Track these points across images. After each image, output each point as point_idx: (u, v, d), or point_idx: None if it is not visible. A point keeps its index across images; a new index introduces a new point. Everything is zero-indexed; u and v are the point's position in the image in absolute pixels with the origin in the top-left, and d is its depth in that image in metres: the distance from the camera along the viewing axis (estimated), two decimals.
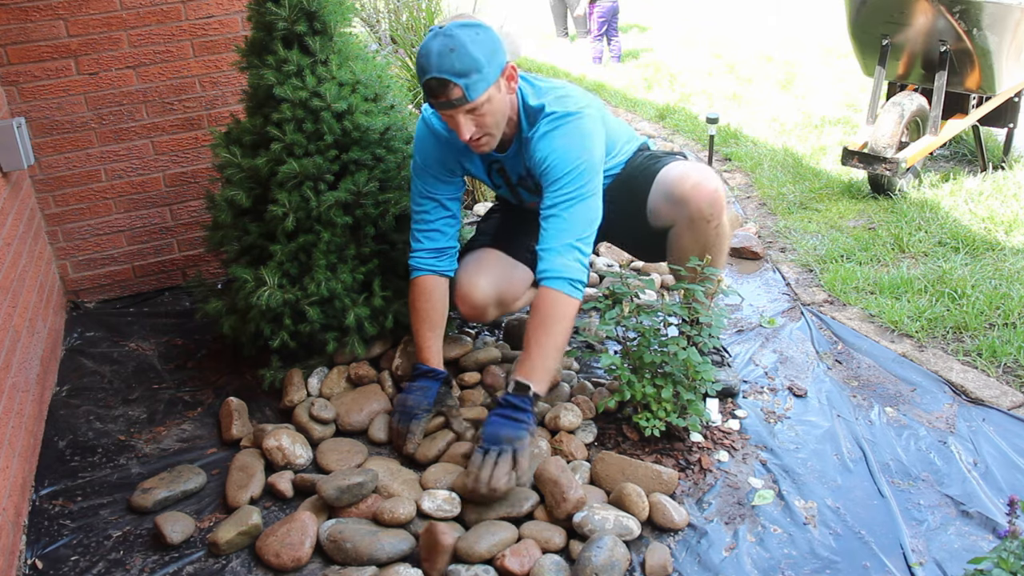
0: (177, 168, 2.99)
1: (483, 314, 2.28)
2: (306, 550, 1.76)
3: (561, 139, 2.00)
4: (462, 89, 1.86)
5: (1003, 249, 3.04)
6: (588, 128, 2.02)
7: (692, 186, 2.11)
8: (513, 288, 2.30)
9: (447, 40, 1.85)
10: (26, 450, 2.05)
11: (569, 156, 1.98)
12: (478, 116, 1.93)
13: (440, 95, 1.89)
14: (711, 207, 2.12)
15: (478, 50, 1.86)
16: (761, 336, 2.64)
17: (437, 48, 1.85)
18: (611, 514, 1.79)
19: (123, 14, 2.75)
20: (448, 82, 1.86)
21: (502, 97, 1.96)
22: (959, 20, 3.32)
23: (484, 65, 1.86)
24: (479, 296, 2.24)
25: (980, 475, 1.97)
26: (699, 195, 2.11)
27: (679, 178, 2.13)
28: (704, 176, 2.13)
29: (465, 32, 1.86)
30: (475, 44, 1.86)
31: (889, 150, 3.48)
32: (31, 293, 2.43)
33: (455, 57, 1.84)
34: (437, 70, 1.85)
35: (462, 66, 1.85)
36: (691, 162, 2.24)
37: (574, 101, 2.04)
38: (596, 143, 2.03)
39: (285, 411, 2.28)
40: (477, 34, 1.88)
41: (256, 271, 2.25)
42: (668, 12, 9.38)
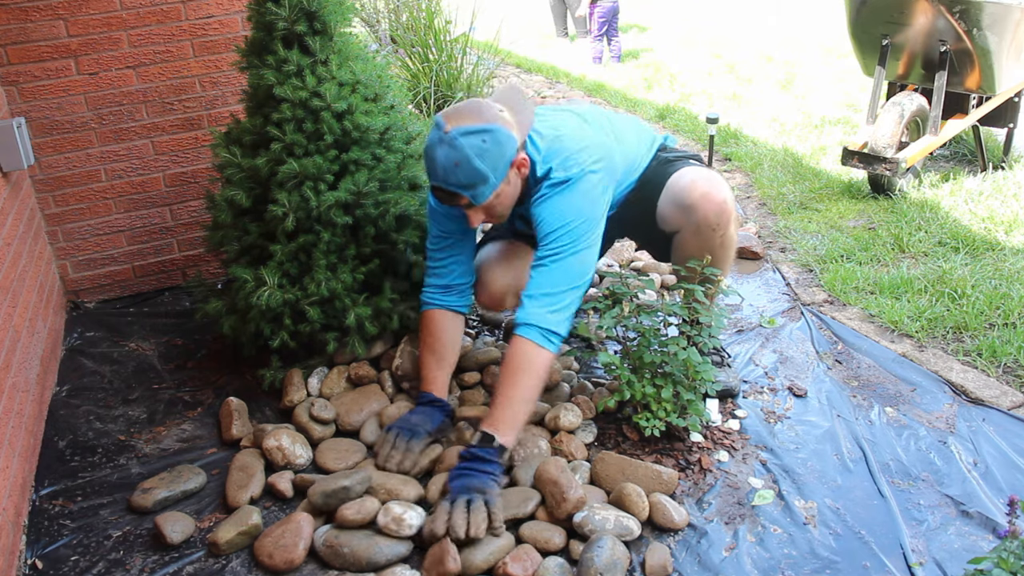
0: (177, 168, 2.99)
1: (501, 302, 2.30)
2: (299, 552, 1.76)
3: (557, 202, 1.99)
4: (468, 198, 1.91)
5: (1003, 249, 3.04)
6: (586, 189, 2.00)
7: (701, 195, 2.11)
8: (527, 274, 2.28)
9: (452, 153, 1.85)
10: (26, 450, 2.05)
11: (562, 215, 1.98)
12: (488, 209, 1.98)
13: (447, 202, 1.95)
14: (718, 217, 2.13)
15: (484, 163, 1.87)
16: (761, 336, 2.64)
17: (442, 160, 1.87)
18: (611, 514, 1.79)
19: (123, 14, 2.75)
20: (455, 193, 1.91)
21: (513, 187, 1.99)
22: (959, 20, 3.32)
23: (490, 175, 1.88)
24: (497, 285, 2.27)
25: (980, 475, 1.97)
26: (707, 205, 2.11)
27: (688, 186, 2.13)
28: (714, 186, 2.13)
29: (470, 143, 1.85)
30: (481, 157, 1.86)
31: (889, 150, 3.48)
32: (31, 293, 2.43)
33: (460, 172, 1.86)
34: (443, 182, 1.89)
35: (468, 180, 1.88)
36: (703, 169, 2.24)
37: (576, 162, 2.00)
38: (594, 202, 2.02)
39: (285, 411, 2.29)
40: (484, 143, 1.86)
41: (256, 271, 2.25)
42: (668, 12, 9.38)
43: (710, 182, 2.14)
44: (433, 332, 2.21)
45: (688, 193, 2.12)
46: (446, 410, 2.16)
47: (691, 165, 2.25)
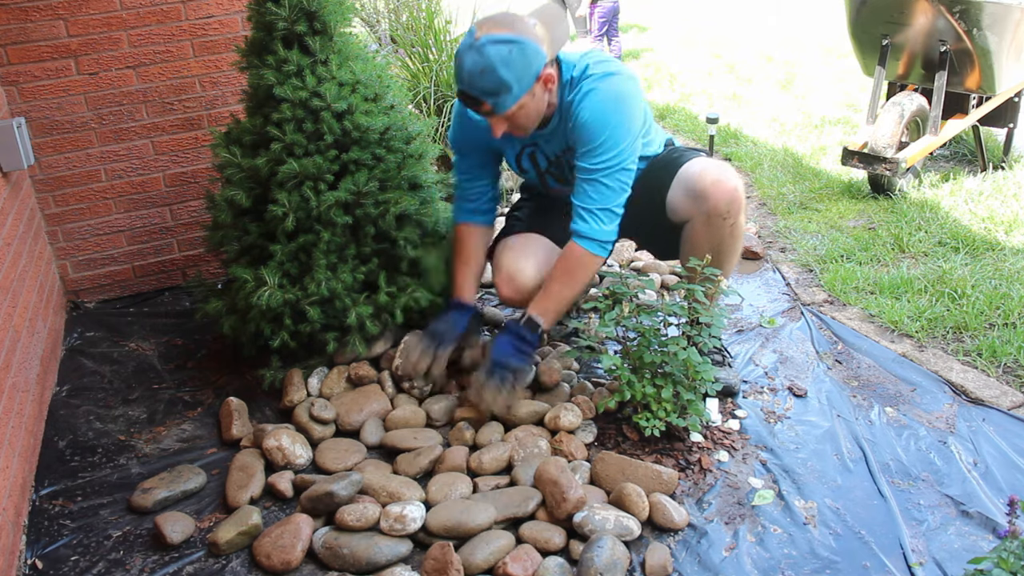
0: (177, 168, 2.99)
1: (527, 298, 2.29)
2: (297, 554, 1.75)
3: (600, 96, 2.04)
4: (491, 105, 1.97)
5: (1003, 249, 3.04)
6: (627, 90, 2.07)
7: (712, 182, 2.13)
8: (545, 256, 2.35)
9: (479, 59, 1.91)
10: (26, 450, 2.05)
11: (607, 118, 2.04)
12: (510, 119, 2.02)
13: (471, 106, 2.02)
14: (728, 205, 2.14)
15: (508, 71, 1.91)
16: (761, 336, 2.64)
17: (469, 65, 1.93)
18: (611, 514, 1.79)
19: (123, 14, 2.75)
20: (477, 99, 1.96)
21: (537, 100, 2.03)
22: (959, 20, 3.32)
23: (513, 84, 1.93)
24: (525, 279, 2.30)
25: (980, 475, 1.97)
26: (718, 192, 2.13)
27: (699, 174, 2.16)
28: (724, 174, 2.16)
29: (497, 51, 1.90)
30: (505, 66, 1.91)
31: (889, 150, 3.48)
32: (31, 293, 2.43)
33: (485, 78, 1.92)
34: (468, 86, 1.95)
35: (491, 86, 1.93)
36: (712, 159, 2.26)
37: (617, 67, 2.10)
38: (634, 106, 2.09)
39: (285, 411, 2.29)
40: (510, 52, 1.91)
41: (256, 271, 2.25)
42: (668, 12, 9.38)
43: (721, 170, 2.17)
44: (465, 244, 2.36)
45: (699, 180, 2.14)
46: (472, 312, 2.31)
47: (699, 155, 2.27)
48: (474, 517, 1.79)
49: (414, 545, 1.80)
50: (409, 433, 2.14)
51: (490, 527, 1.80)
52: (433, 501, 1.89)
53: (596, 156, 2.06)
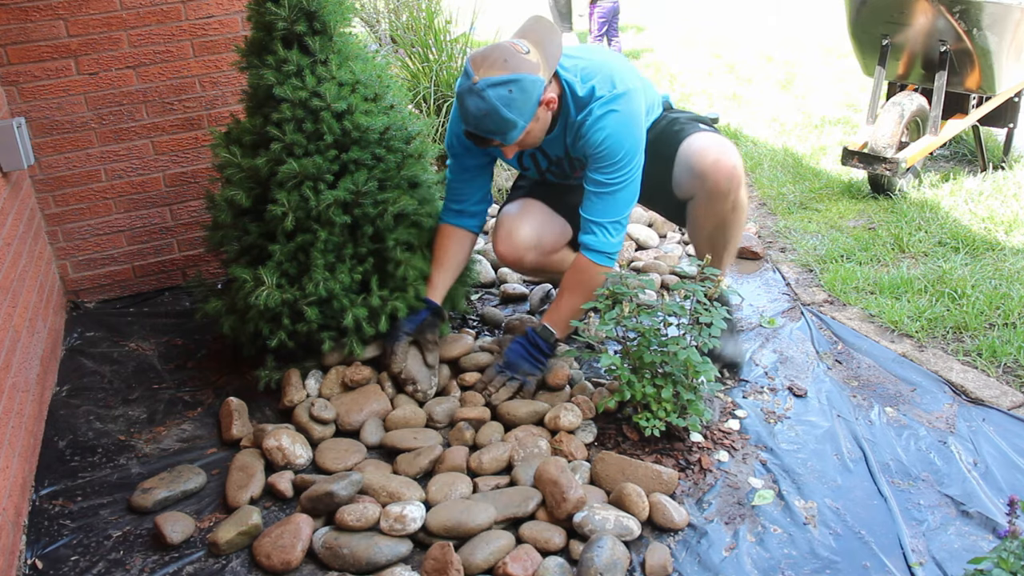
0: (177, 168, 2.99)
1: (522, 257, 2.42)
2: (297, 554, 1.75)
3: (613, 124, 2.12)
4: (499, 141, 2.07)
5: (1003, 249, 3.04)
6: (636, 109, 2.16)
7: (712, 161, 2.20)
8: (553, 237, 2.46)
9: (481, 104, 1.98)
10: (26, 450, 2.05)
11: (618, 143, 2.13)
12: (519, 145, 2.13)
13: (480, 145, 2.13)
14: (728, 182, 2.22)
15: (511, 111, 1.99)
16: (761, 336, 2.64)
17: (472, 109, 2.01)
18: (611, 514, 1.79)
19: (123, 14, 2.75)
20: (484, 138, 2.07)
21: (542, 122, 2.12)
22: (959, 20, 3.32)
23: (518, 121, 2.02)
24: (520, 238, 2.40)
25: (980, 475, 1.97)
26: (718, 170, 2.20)
27: (700, 152, 2.22)
28: (724, 151, 2.22)
29: (497, 94, 1.97)
30: (507, 107, 1.98)
31: (889, 150, 3.48)
32: (31, 293, 2.43)
33: (489, 121, 2.00)
34: (474, 128, 2.05)
35: (496, 127, 2.02)
36: (711, 134, 2.30)
37: (620, 79, 2.14)
38: (640, 124, 2.18)
39: (285, 411, 2.28)
40: (510, 93, 1.97)
41: (255, 271, 2.25)
42: (668, 12, 9.38)
43: (721, 148, 2.23)
44: (442, 245, 2.41)
45: (700, 159, 2.21)
46: (431, 307, 2.35)
47: (700, 130, 2.32)
48: (474, 517, 1.78)
49: (414, 545, 1.80)
50: (409, 433, 2.14)
51: (490, 527, 1.80)
52: (433, 501, 1.89)
53: (610, 173, 2.16)
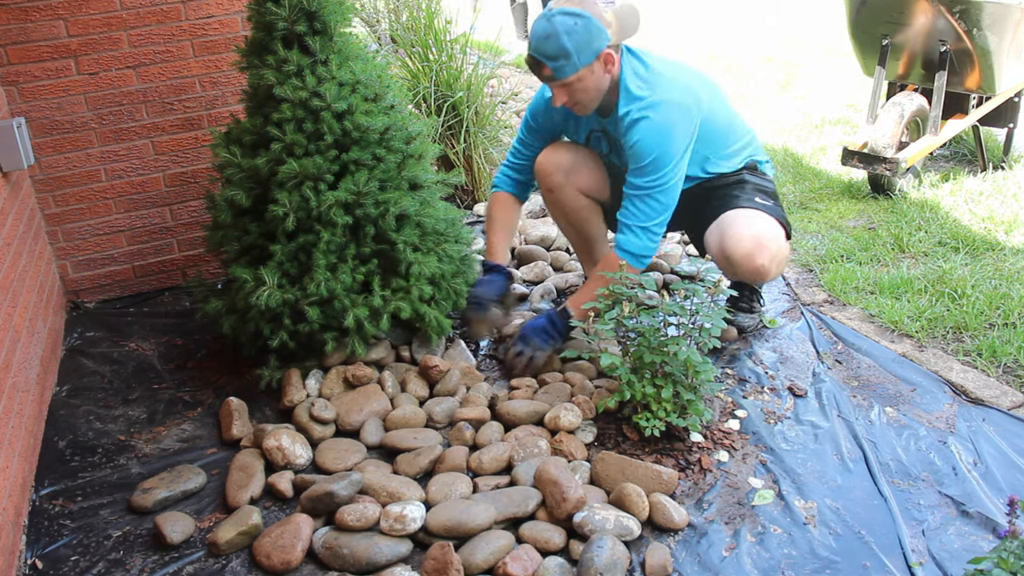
0: (177, 168, 2.99)
1: (553, 172, 2.54)
2: (297, 554, 1.75)
3: (646, 128, 2.23)
4: (551, 70, 2.17)
5: (1003, 249, 3.04)
6: (671, 120, 2.24)
7: (743, 255, 2.31)
8: (589, 178, 2.56)
9: (546, 26, 2.15)
10: (26, 450, 2.05)
11: (652, 145, 2.23)
12: (570, 90, 2.22)
13: (534, 71, 2.22)
14: (753, 275, 2.37)
15: (570, 40, 2.12)
16: (761, 336, 2.64)
17: (537, 30, 2.16)
18: (611, 514, 1.79)
19: (123, 14, 2.75)
20: (540, 62, 2.17)
21: (596, 77, 2.21)
22: (959, 20, 3.32)
23: (572, 53, 2.13)
24: (559, 157, 2.53)
25: (980, 475, 1.97)
26: (746, 265, 2.33)
27: (736, 238, 2.32)
28: (759, 247, 2.30)
29: (563, 21, 2.13)
30: (569, 34, 2.12)
31: (889, 150, 3.48)
32: (31, 293, 2.43)
33: (548, 43, 2.14)
34: (534, 50, 2.18)
35: (552, 51, 2.14)
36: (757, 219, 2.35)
37: (665, 91, 2.25)
38: (678, 135, 2.25)
39: (285, 411, 2.28)
40: (575, 24, 2.13)
41: (256, 271, 2.25)
42: (667, 12, 9.38)
43: (757, 244, 2.30)
44: (500, 207, 2.64)
45: (733, 246, 2.32)
46: (505, 272, 2.59)
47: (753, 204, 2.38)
48: (474, 517, 1.78)
49: (414, 545, 1.80)
50: (409, 433, 2.14)
51: (490, 527, 1.80)
52: (433, 501, 1.89)
53: (642, 176, 2.26)
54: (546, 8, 2.17)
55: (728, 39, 7.57)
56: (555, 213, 2.69)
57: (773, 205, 2.44)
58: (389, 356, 2.44)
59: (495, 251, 2.61)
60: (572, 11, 2.13)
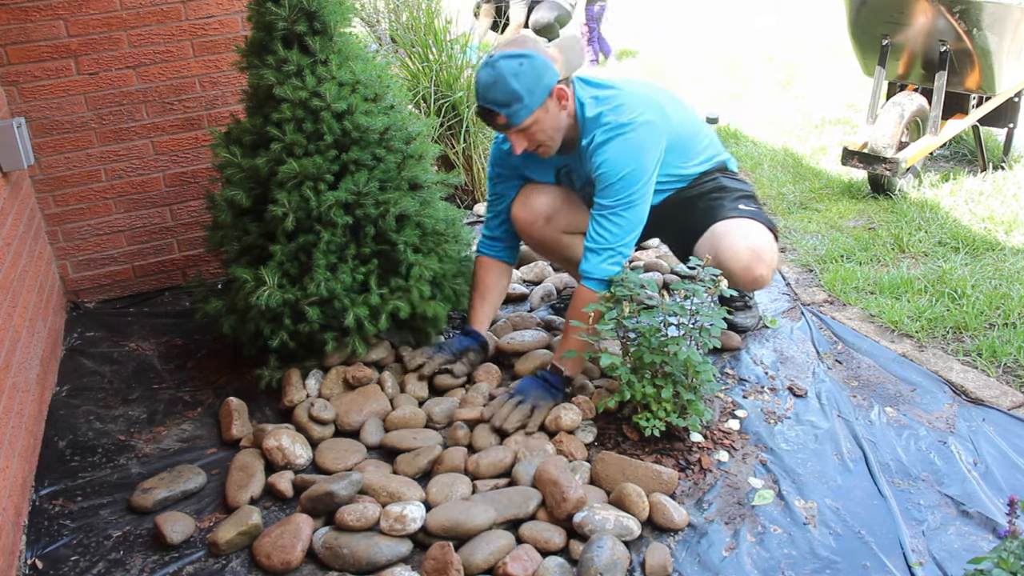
0: (177, 168, 2.99)
1: (534, 223, 2.45)
2: (297, 554, 1.75)
3: (613, 149, 2.16)
4: (505, 117, 2.09)
5: (1003, 249, 3.04)
6: (639, 139, 2.16)
7: (742, 268, 2.28)
8: (570, 216, 2.48)
9: (491, 72, 2.08)
10: (26, 450, 2.05)
11: (620, 165, 2.15)
12: (528, 135, 2.16)
13: (488, 121, 2.15)
14: (751, 285, 2.34)
15: (519, 82, 2.05)
16: (761, 336, 2.64)
17: (483, 79, 2.09)
18: (611, 514, 1.79)
19: (123, 14, 2.75)
20: (492, 111, 2.10)
21: (552, 116, 2.16)
22: (959, 20, 3.32)
23: (524, 95, 2.06)
24: (537, 204, 2.43)
25: (980, 475, 1.97)
26: (744, 277, 2.29)
27: (733, 250, 2.28)
28: (757, 257, 2.28)
29: (508, 65, 2.06)
30: (516, 77, 2.05)
31: (889, 150, 3.48)
32: (31, 293, 2.43)
33: (496, 89, 2.07)
34: (483, 100, 2.10)
35: (503, 97, 2.07)
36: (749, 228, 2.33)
37: (628, 111, 2.17)
38: (647, 153, 2.18)
39: (285, 411, 2.28)
40: (520, 65, 2.06)
41: (256, 271, 2.25)
42: (667, 12, 9.38)
43: (755, 255, 2.27)
44: (481, 275, 2.51)
45: (731, 258, 2.27)
46: (478, 339, 2.44)
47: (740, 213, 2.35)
48: (473, 518, 1.78)
49: (414, 545, 1.80)
50: (409, 433, 2.14)
51: (490, 528, 1.80)
52: (433, 502, 1.89)
53: (611, 196, 2.18)
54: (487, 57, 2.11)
55: (728, 39, 7.58)
56: (542, 253, 2.67)
57: (756, 209, 2.42)
58: (389, 357, 2.44)
59: (474, 317, 2.48)
60: (514, 54, 2.07)
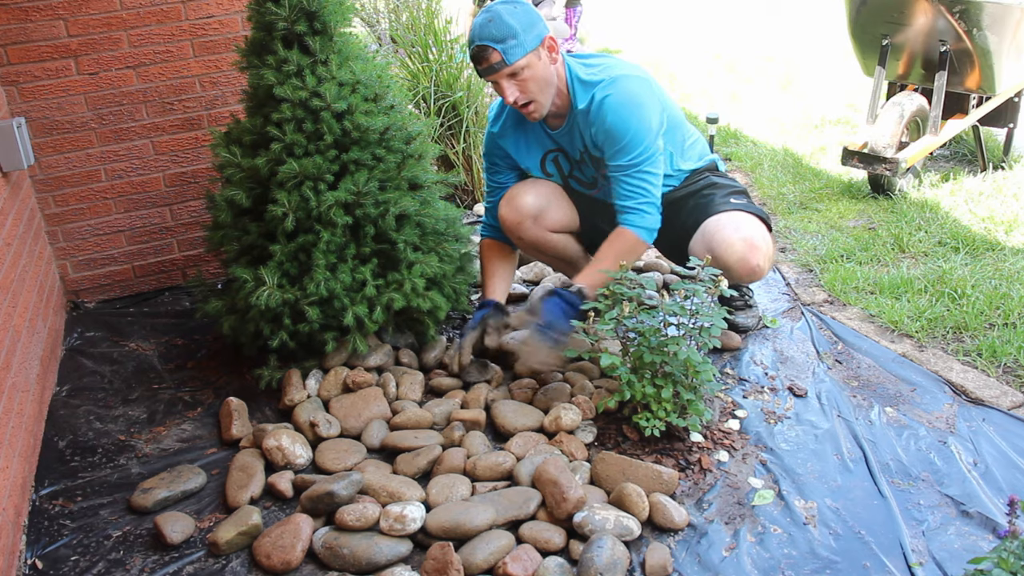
0: (177, 168, 2.99)
1: (521, 222, 2.48)
2: (297, 554, 1.75)
3: (616, 103, 2.21)
4: (500, 53, 2.13)
5: (1003, 249, 3.04)
6: (640, 90, 2.23)
7: (738, 260, 2.28)
8: (558, 215, 2.52)
9: (487, 14, 2.15)
10: (26, 450, 2.05)
11: (627, 119, 2.21)
12: (520, 81, 2.18)
13: (482, 61, 2.16)
14: (749, 277, 2.34)
15: (513, 20, 2.13)
16: (761, 336, 2.64)
17: (479, 21, 2.16)
18: (611, 514, 1.79)
19: (123, 14, 2.75)
20: (487, 47, 2.13)
21: (543, 65, 2.19)
22: (959, 20, 3.32)
23: (519, 32, 2.13)
24: (523, 203, 2.47)
25: (980, 475, 1.97)
26: (741, 268, 2.30)
27: (727, 243, 2.28)
28: (751, 249, 2.28)
29: (503, 6, 2.15)
30: (511, 15, 2.13)
31: (889, 150, 3.48)
32: (31, 293, 2.43)
33: (492, 26, 2.13)
34: (478, 38, 2.14)
35: (499, 33, 2.12)
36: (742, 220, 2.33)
37: (622, 69, 2.26)
38: (649, 107, 2.23)
39: (285, 411, 2.28)
40: (515, 7, 2.15)
41: (256, 271, 2.25)
42: (667, 12, 9.38)
43: (748, 245, 2.27)
44: (488, 256, 2.58)
45: (725, 251, 2.28)
46: (490, 304, 2.46)
47: (731, 207, 2.36)
48: (473, 518, 1.78)
49: (414, 545, 1.80)
50: (409, 433, 2.14)
51: (490, 528, 1.80)
52: (434, 503, 1.89)
53: (624, 156, 2.23)
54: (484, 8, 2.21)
55: (729, 39, 7.58)
56: (530, 253, 2.67)
57: (748, 203, 2.43)
58: (389, 361, 2.44)
59: (487, 292, 2.53)
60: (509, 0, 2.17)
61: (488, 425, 2.22)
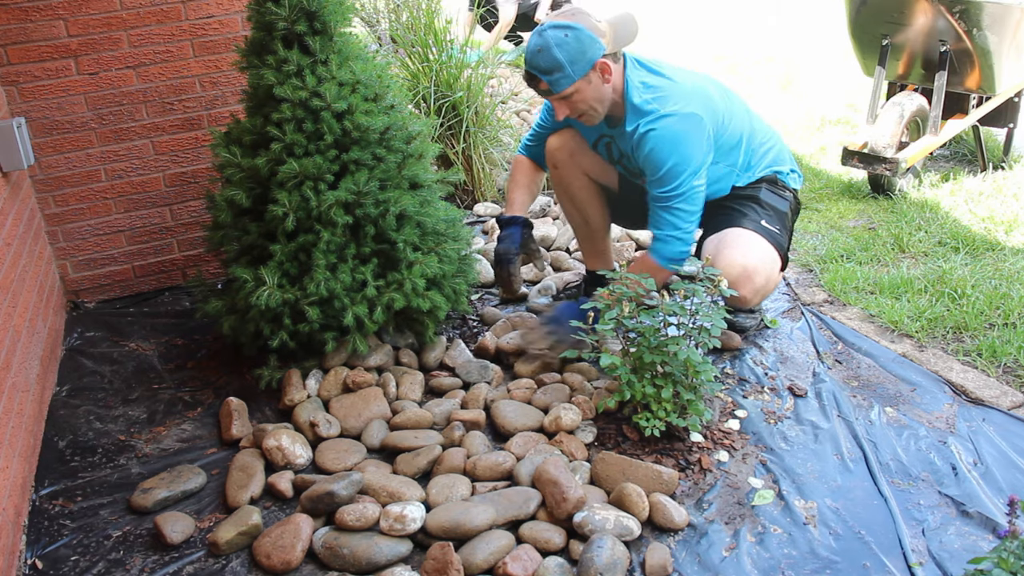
0: (177, 168, 2.99)
1: (560, 149, 2.57)
2: (297, 554, 1.75)
3: (657, 139, 2.23)
4: (547, 84, 2.18)
5: (1003, 249, 3.04)
6: (685, 129, 2.23)
7: (734, 280, 2.27)
8: (594, 162, 2.57)
9: (539, 40, 2.17)
10: (26, 450, 2.05)
11: (665, 155, 2.23)
12: (570, 103, 2.23)
13: (532, 86, 2.24)
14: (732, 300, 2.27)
15: (561, 53, 2.13)
16: (761, 336, 2.64)
17: (531, 46, 2.18)
18: (611, 514, 1.79)
19: (123, 14, 2.75)
20: (536, 76, 2.19)
21: (594, 88, 2.21)
22: (959, 20, 3.32)
23: (566, 65, 2.14)
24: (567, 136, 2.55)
25: (980, 475, 1.97)
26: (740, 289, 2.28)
27: (727, 263, 2.31)
28: (746, 276, 2.30)
29: (554, 34, 2.15)
30: (560, 47, 2.13)
31: (889, 150, 3.48)
32: (31, 293, 2.43)
33: (541, 57, 2.15)
34: (529, 65, 2.19)
35: (546, 65, 2.15)
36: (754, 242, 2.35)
37: (673, 102, 2.24)
38: (691, 144, 2.24)
39: (285, 411, 2.28)
40: (566, 36, 2.14)
41: (256, 271, 2.25)
42: (667, 12, 9.38)
43: (746, 275, 2.29)
44: (520, 170, 2.69)
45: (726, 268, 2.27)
46: (521, 221, 2.60)
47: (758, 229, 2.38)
48: (473, 518, 1.78)
49: (414, 545, 1.80)
50: (410, 433, 2.14)
51: (490, 528, 1.80)
52: (434, 503, 1.89)
53: (661, 187, 2.27)
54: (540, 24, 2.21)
55: (730, 39, 7.57)
56: (559, 192, 2.69)
57: (779, 231, 2.42)
58: (389, 361, 2.44)
59: (512, 205, 2.65)
60: (562, 24, 2.15)
61: (488, 425, 2.22)
